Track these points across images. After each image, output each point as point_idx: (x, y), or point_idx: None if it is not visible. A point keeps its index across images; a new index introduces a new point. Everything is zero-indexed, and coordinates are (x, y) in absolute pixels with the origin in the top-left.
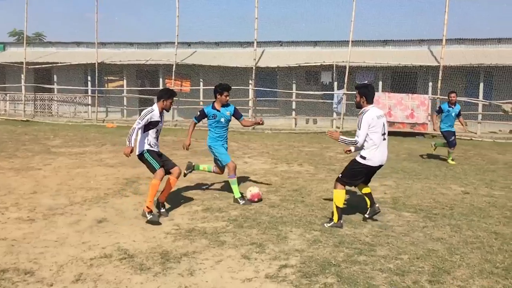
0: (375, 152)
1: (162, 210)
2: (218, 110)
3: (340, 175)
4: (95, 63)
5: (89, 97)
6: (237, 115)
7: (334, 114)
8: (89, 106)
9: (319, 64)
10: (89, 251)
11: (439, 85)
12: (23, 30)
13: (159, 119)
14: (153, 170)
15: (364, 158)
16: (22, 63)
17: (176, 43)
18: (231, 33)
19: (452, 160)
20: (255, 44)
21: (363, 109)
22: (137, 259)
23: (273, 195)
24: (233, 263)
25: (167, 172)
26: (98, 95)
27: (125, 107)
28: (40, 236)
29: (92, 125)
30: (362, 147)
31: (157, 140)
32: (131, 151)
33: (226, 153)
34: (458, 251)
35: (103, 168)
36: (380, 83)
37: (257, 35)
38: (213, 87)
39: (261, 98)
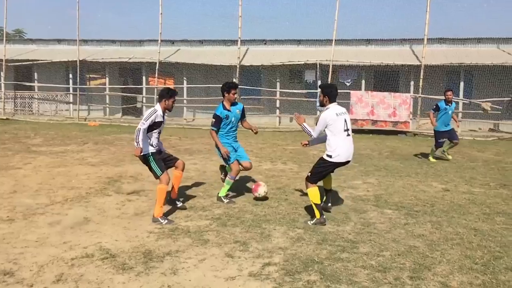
0: (340, 149)
1: (179, 204)
2: (229, 110)
3: (309, 173)
4: (76, 61)
5: (71, 95)
6: (243, 114)
7: (318, 112)
8: (71, 104)
9: (302, 62)
10: (70, 251)
11: (420, 84)
12: (3, 27)
13: (162, 120)
14: (155, 175)
15: (330, 156)
16: (1, 60)
17: (159, 41)
18: (215, 31)
19: (434, 158)
20: (239, 42)
21: (325, 107)
22: (119, 258)
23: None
24: (216, 261)
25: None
26: (80, 93)
27: (107, 105)
28: (20, 236)
29: (73, 124)
30: (326, 146)
31: (158, 140)
32: (141, 152)
33: (232, 155)
34: (439, 247)
35: (85, 167)
36: (363, 82)
37: (241, 34)
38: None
39: (245, 97)
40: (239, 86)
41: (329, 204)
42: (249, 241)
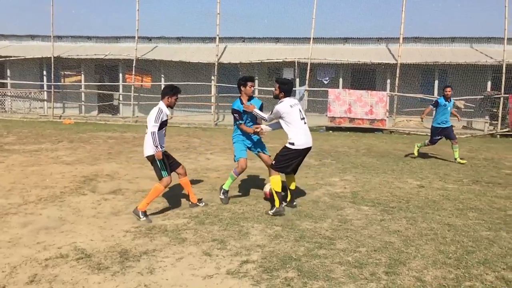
0: (300, 136)
1: (202, 204)
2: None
3: (274, 162)
4: (51, 57)
5: (45, 92)
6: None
7: None
8: (45, 102)
9: (281, 60)
10: (44, 251)
11: (396, 82)
12: None
13: (167, 118)
14: (159, 175)
15: (293, 144)
16: None
17: (136, 38)
18: (193, 28)
19: (418, 152)
20: (217, 39)
21: (280, 100)
22: (95, 258)
23: (235, 191)
24: (194, 260)
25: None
26: (55, 90)
27: (83, 103)
28: None
29: (48, 122)
30: (288, 136)
31: (163, 141)
32: (160, 154)
33: (242, 150)
34: (414, 243)
35: (60, 166)
36: (341, 80)
37: (219, 31)
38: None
39: (224, 94)
40: (217, 84)
41: (294, 203)
42: (227, 239)
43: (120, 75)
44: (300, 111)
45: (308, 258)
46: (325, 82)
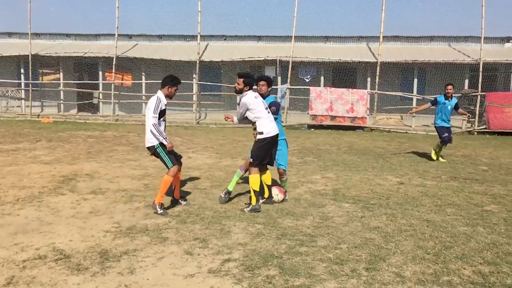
0: (267, 124)
1: (184, 202)
2: None
3: (251, 159)
4: (28, 55)
5: (23, 90)
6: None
7: None
8: (23, 101)
9: (262, 58)
10: (22, 252)
11: (377, 80)
12: None
13: (165, 107)
14: (166, 165)
15: (262, 133)
16: None
17: (116, 35)
18: (174, 26)
19: (442, 157)
20: (198, 37)
21: (243, 93)
22: (74, 259)
23: (217, 190)
24: (175, 259)
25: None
26: (32, 88)
27: (62, 102)
28: None
29: (25, 120)
30: (255, 127)
31: (164, 129)
32: (172, 146)
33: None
34: (393, 239)
35: (38, 165)
36: (322, 78)
37: (200, 29)
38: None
39: (205, 93)
40: (199, 82)
41: (272, 198)
42: (209, 237)
43: (100, 73)
44: (263, 102)
45: (289, 255)
46: (307, 80)
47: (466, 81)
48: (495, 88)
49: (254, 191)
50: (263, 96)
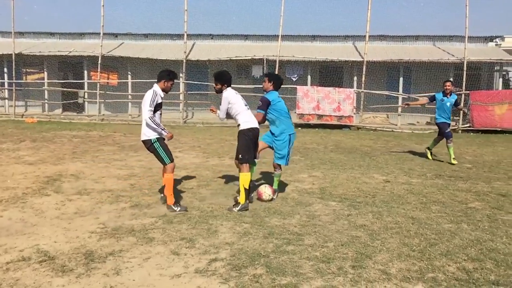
0: (247, 118)
1: (162, 195)
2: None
3: (240, 156)
4: (12, 54)
5: (6, 90)
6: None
7: None
8: (6, 100)
9: (250, 58)
10: (5, 254)
11: (363, 79)
12: None
13: (162, 101)
14: (162, 162)
15: (240, 125)
16: None
17: (101, 34)
18: (161, 25)
19: (454, 158)
20: (185, 36)
21: (223, 91)
22: (59, 260)
23: (204, 189)
24: (161, 259)
25: None
26: (16, 88)
27: (46, 101)
28: None
29: (9, 120)
30: (236, 121)
31: (160, 123)
32: (172, 136)
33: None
34: (379, 236)
35: (22, 166)
36: (309, 77)
37: (187, 28)
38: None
39: (192, 92)
40: (186, 81)
41: (251, 195)
42: (196, 237)
43: (85, 72)
44: (242, 98)
45: (276, 254)
46: (294, 79)
47: (451, 80)
48: (478, 86)
49: (245, 189)
50: (266, 92)
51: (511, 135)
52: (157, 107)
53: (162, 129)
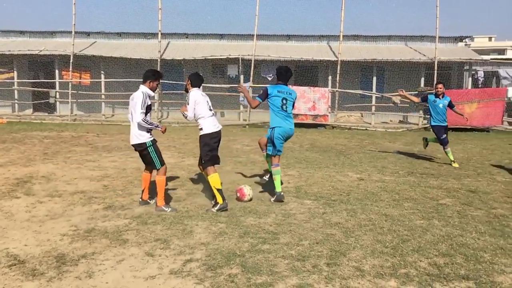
0: (207, 123)
1: (152, 201)
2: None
3: (202, 161)
4: None
5: None
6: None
7: (241, 107)
8: None
9: (225, 57)
10: None
11: (337, 78)
12: None
13: (151, 102)
14: (154, 166)
15: (202, 129)
16: None
17: (73, 33)
18: (134, 23)
19: (454, 161)
20: (159, 35)
21: (190, 91)
22: (29, 264)
23: (179, 189)
24: (135, 261)
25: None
26: None
27: (16, 101)
28: None
29: None
30: (198, 124)
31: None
32: (165, 129)
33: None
34: (353, 234)
35: None
36: None
37: (161, 26)
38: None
39: (167, 91)
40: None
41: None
42: (171, 238)
43: (57, 71)
44: (208, 102)
45: (252, 253)
46: (269, 78)
47: (422, 79)
48: (449, 86)
49: (218, 189)
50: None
51: (480, 133)
52: (148, 109)
53: (156, 126)
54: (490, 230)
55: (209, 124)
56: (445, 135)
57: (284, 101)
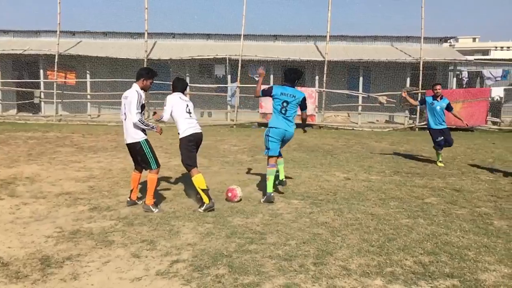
0: (185, 126)
1: (140, 202)
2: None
3: (183, 163)
4: None
5: None
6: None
7: (228, 107)
8: None
9: (212, 57)
10: None
11: (324, 78)
12: None
13: (144, 101)
14: (149, 166)
15: (179, 133)
16: None
17: (58, 32)
18: (121, 23)
19: (441, 162)
20: (145, 35)
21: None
22: (13, 267)
23: (166, 191)
24: (121, 263)
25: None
26: None
27: (0, 102)
28: None
29: None
30: (178, 129)
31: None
32: (161, 129)
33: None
34: (340, 233)
35: None
36: (272, 76)
37: (147, 26)
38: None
39: (154, 92)
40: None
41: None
42: (157, 239)
43: (41, 71)
44: (187, 106)
45: (239, 254)
46: (256, 78)
47: (408, 79)
48: None
49: (202, 190)
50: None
51: (465, 133)
52: (142, 108)
53: (152, 127)
54: (474, 229)
55: (186, 127)
56: (442, 137)
57: (285, 104)
